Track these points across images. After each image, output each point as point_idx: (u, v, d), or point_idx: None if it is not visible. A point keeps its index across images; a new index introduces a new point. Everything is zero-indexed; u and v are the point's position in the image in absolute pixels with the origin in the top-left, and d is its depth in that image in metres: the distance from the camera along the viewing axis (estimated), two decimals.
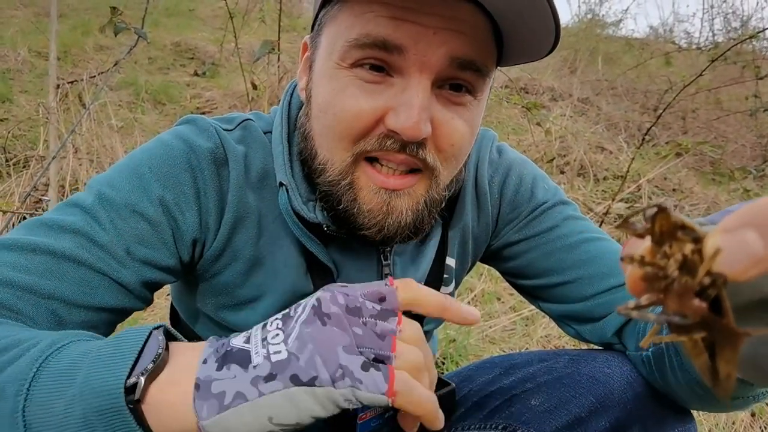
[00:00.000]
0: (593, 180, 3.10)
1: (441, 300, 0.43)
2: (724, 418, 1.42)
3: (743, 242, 0.23)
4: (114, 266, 0.52)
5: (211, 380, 0.36)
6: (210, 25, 4.64)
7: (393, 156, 0.53)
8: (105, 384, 0.35)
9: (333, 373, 0.36)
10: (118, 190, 0.55)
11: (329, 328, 0.38)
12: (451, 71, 0.52)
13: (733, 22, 5.74)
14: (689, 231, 0.25)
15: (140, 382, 0.36)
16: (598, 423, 0.59)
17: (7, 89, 2.75)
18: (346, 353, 0.37)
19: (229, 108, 3.13)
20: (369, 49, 0.51)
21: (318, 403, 0.36)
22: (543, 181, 0.73)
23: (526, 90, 4.32)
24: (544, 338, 1.74)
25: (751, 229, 0.23)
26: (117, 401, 0.35)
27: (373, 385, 0.36)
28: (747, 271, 0.23)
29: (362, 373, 0.36)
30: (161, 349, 0.38)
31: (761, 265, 0.23)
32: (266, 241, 0.62)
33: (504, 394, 0.66)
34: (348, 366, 0.36)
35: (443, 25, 0.50)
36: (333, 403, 0.36)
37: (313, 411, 0.36)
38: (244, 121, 0.64)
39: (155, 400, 0.36)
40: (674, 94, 2.99)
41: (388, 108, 0.52)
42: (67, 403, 0.36)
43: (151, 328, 0.40)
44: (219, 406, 0.35)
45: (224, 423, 0.35)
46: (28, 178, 2.11)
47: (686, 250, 0.25)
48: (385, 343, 0.39)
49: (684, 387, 0.55)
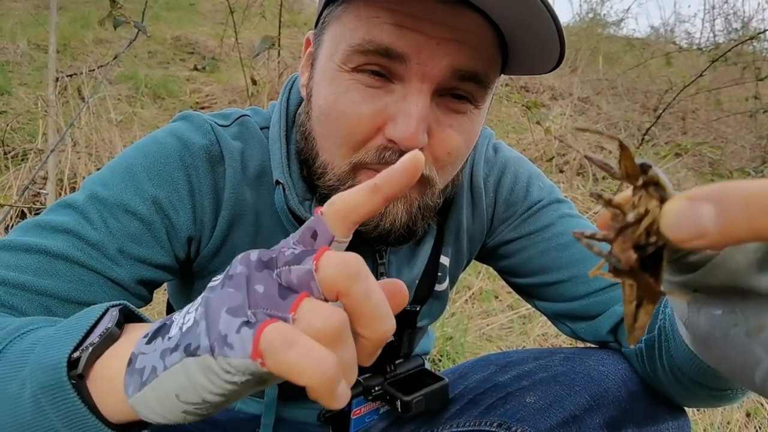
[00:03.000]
0: (592, 179, 3.10)
1: (367, 186, 0.33)
2: (719, 417, 1.42)
3: (697, 213, 0.24)
4: (107, 264, 0.52)
5: (137, 354, 0.32)
6: (210, 20, 4.63)
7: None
8: (51, 359, 0.34)
9: (212, 340, 0.29)
10: (110, 189, 0.55)
11: (224, 290, 0.30)
12: (453, 82, 0.52)
13: (734, 23, 5.75)
14: (660, 189, 0.27)
15: (83, 356, 0.34)
16: (593, 421, 0.59)
17: (6, 82, 2.74)
18: (228, 315, 0.29)
19: (228, 103, 3.13)
20: (371, 55, 0.51)
21: (204, 375, 0.29)
22: (538, 180, 0.73)
23: (527, 88, 4.32)
24: (541, 336, 1.74)
25: (710, 203, 0.24)
26: (59, 376, 0.33)
27: (240, 347, 0.28)
28: (689, 240, 0.24)
29: (234, 335, 0.28)
30: (111, 323, 0.36)
31: (703, 239, 0.24)
32: (263, 238, 0.62)
33: (499, 391, 0.66)
34: (224, 330, 0.29)
35: (447, 36, 0.49)
36: (215, 375, 0.29)
37: (204, 386, 0.29)
38: (240, 117, 0.63)
39: (98, 375, 0.34)
40: (674, 95, 3.00)
41: (387, 115, 0.52)
42: (20, 384, 0.35)
43: (107, 306, 0.38)
44: (140, 383, 0.31)
45: (145, 401, 0.31)
46: (26, 172, 2.10)
47: (650, 206, 0.27)
48: (284, 302, 0.29)
49: (670, 378, 0.56)
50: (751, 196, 0.23)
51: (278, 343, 0.27)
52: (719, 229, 0.23)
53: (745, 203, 0.23)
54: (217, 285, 0.31)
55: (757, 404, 1.50)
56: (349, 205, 0.33)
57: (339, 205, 0.33)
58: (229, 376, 0.28)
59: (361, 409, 0.70)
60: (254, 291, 0.30)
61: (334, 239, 0.33)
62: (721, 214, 0.23)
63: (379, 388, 0.68)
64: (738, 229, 0.23)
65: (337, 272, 0.29)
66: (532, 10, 0.48)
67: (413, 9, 0.49)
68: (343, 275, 0.29)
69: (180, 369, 0.29)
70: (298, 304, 0.29)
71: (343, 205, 0.33)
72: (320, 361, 0.27)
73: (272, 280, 0.31)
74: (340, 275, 0.29)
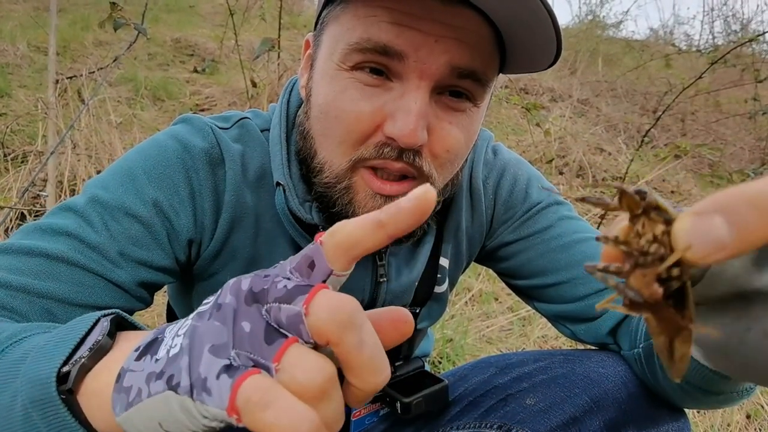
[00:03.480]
0: (592, 181, 3.11)
1: (372, 221, 0.30)
2: (719, 419, 1.42)
3: (710, 227, 0.23)
4: (107, 267, 0.53)
5: (126, 371, 0.31)
6: (210, 22, 4.63)
7: (390, 165, 0.53)
8: (40, 373, 0.33)
9: (193, 380, 0.28)
10: (111, 192, 0.55)
11: (210, 322, 0.29)
12: (451, 79, 0.52)
13: (733, 24, 5.77)
14: (662, 212, 0.26)
15: (72, 371, 0.33)
16: (593, 423, 0.59)
17: (5, 84, 2.74)
18: (211, 355, 0.28)
19: (228, 105, 3.13)
20: (370, 53, 0.51)
21: (183, 413, 0.28)
22: (538, 182, 0.74)
23: (526, 90, 4.32)
24: (540, 338, 1.74)
25: (719, 215, 0.23)
26: (49, 391, 0.33)
27: (218, 397, 0.27)
28: (709, 255, 0.23)
29: (214, 381, 0.27)
30: (102, 335, 0.34)
31: (724, 251, 0.23)
32: (263, 240, 0.62)
33: (499, 393, 0.66)
34: (204, 373, 0.28)
35: (445, 34, 0.50)
36: (193, 417, 0.28)
37: (184, 422, 0.28)
38: (240, 120, 0.64)
39: (88, 389, 0.33)
40: (674, 96, 3.00)
41: (386, 112, 0.52)
42: (11, 396, 0.35)
43: (98, 316, 0.37)
44: (126, 403, 0.30)
45: (131, 422, 0.30)
46: (26, 174, 2.10)
47: (657, 231, 0.26)
48: (269, 348, 0.28)
49: (671, 383, 0.56)
50: (756, 196, 0.22)
51: (255, 400, 0.26)
52: (735, 237, 0.23)
53: (753, 205, 0.22)
54: (205, 312, 0.30)
55: (757, 406, 1.50)
56: (351, 240, 0.30)
57: (340, 238, 0.30)
58: (207, 421, 0.28)
59: (360, 411, 0.70)
60: (240, 329, 0.29)
61: (332, 273, 0.31)
62: (734, 222, 0.23)
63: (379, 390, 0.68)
64: (754, 232, 0.22)
65: (328, 319, 0.27)
66: (529, 8, 0.48)
67: (411, 8, 0.49)
68: (334, 323, 0.27)
69: (162, 400, 0.29)
70: (283, 352, 0.27)
71: (344, 239, 0.30)
72: (297, 422, 0.25)
73: (260, 318, 0.29)
74: (331, 323, 0.27)
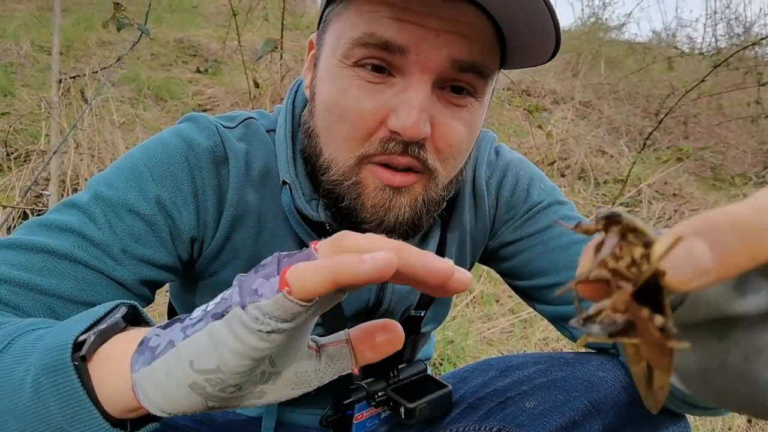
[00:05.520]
0: (594, 184, 3.11)
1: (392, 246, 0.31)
2: (720, 423, 1.42)
3: (691, 251, 0.22)
4: (110, 264, 0.53)
5: (150, 337, 0.34)
6: (213, 22, 4.64)
7: (396, 159, 0.54)
8: (58, 340, 0.35)
9: (244, 296, 0.31)
10: (114, 189, 0.55)
11: (257, 273, 0.33)
12: (453, 73, 0.53)
13: (736, 28, 5.76)
14: (641, 235, 0.25)
15: (90, 338, 0.35)
16: (592, 426, 0.59)
17: (9, 83, 2.75)
18: (262, 278, 0.32)
19: (231, 106, 3.14)
20: (372, 48, 0.52)
21: (230, 331, 0.31)
22: (539, 181, 0.74)
23: (528, 92, 4.32)
24: (542, 341, 1.74)
25: (700, 239, 0.22)
26: (63, 356, 0.34)
27: (269, 289, 0.30)
28: (691, 281, 0.22)
29: (265, 285, 0.31)
30: (121, 316, 0.37)
31: (705, 277, 0.22)
32: (266, 239, 0.62)
33: (499, 396, 0.66)
34: (255, 286, 0.31)
35: (446, 28, 0.50)
36: (243, 327, 0.30)
37: (227, 342, 0.31)
38: (246, 119, 0.64)
39: (103, 357, 0.35)
40: (676, 99, 3.00)
41: (389, 108, 0.52)
42: (24, 370, 0.36)
43: (118, 302, 0.39)
44: (151, 357, 0.33)
45: (152, 375, 0.32)
46: (28, 173, 2.11)
47: (635, 254, 0.24)
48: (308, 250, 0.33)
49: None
50: (739, 220, 0.22)
51: (298, 271, 0.30)
52: (718, 262, 0.21)
53: (735, 229, 0.21)
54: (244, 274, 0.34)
55: None
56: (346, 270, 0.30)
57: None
58: (257, 324, 0.30)
59: (363, 414, 0.70)
60: (283, 262, 0.33)
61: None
62: (716, 247, 0.22)
63: (382, 394, 0.68)
64: (737, 257, 0.21)
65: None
66: (528, 2, 0.48)
67: (412, 3, 0.50)
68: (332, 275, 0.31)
69: (203, 334, 0.32)
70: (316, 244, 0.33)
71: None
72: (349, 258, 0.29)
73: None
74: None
